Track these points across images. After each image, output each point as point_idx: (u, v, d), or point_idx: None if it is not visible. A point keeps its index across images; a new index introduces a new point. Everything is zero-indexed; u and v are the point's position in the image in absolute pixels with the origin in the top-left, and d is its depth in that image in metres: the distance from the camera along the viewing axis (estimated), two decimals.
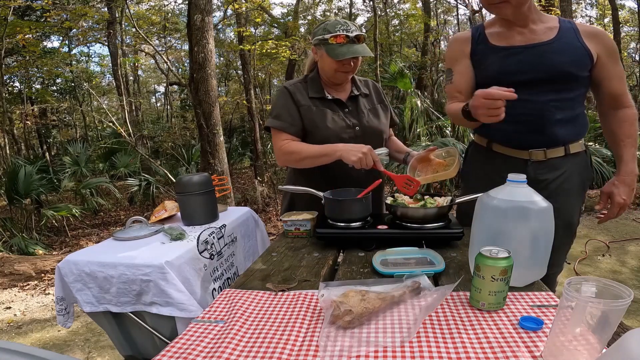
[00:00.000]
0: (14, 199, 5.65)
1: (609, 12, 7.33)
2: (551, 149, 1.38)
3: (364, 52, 1.44)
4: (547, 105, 1.32)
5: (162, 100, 19.57)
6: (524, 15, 1.31)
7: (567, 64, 1.30)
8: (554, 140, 1.37)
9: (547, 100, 1.32)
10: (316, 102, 1.53)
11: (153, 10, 11.44)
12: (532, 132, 1.36)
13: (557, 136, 1.36)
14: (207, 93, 4.30)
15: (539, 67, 1.31)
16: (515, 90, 1.15)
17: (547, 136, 1.36)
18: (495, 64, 1.36)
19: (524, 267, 0.92)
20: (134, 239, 1.42)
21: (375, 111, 1.63)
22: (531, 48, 1.32)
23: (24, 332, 2.85)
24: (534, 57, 1.31)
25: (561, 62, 1.30)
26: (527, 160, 1.40)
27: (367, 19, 14.23)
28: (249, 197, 6.68)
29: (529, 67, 1.32)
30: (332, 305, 0.81)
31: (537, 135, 1.37)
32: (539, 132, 1.36)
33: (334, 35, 1.41)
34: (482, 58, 1.40)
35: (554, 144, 1.38)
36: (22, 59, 9.93)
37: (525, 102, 1.29)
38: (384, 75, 6.96)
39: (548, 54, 1.30)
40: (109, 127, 8.64)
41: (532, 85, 1.31)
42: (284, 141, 1.51)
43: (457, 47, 1.46)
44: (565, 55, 1.30)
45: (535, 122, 1.35)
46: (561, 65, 1.30)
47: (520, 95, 1.19)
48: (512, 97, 1.12)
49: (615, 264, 3.26)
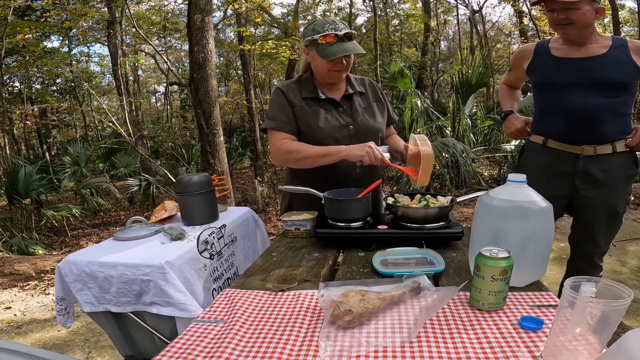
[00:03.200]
0: (14, 199, 5.65)
1: (609, 12, 7.33)
2: (601, 145, 1.59)
3: (354, 49, 1.42)
4: (597, 107, 1.55)
5: (162, 100, 19.59)
6: (585, 37, 1.56)
7: (614, 74, 1.53)
8: (603, 137, 1.58)
9: (597, 102, 1.55)
10: (309, 101, 1.52)
11: (153, 10, 11.44)
12: (584, 129, 1.59)
13: (606, 134, 1.58)
14: (207, 93, 4.29)
15: (590, 75, 1.55)
16: (571, 93, 1.57)
17: (596, 134, 1.58)
18: (555, 70, 1.63)
19: (524, 267, 0.92)
20: (134, 239, 1.42)
21: (371, 109, 1.61)
22: (585, 60, 1.57)
23: (24, 332, 2.85)
24: (587, 67, 1.56)
25: (609, 71, 1.53)
26: (579, 155, 1.62)
27: (367, 19, 14.24)
28: (249, 197, 6.67)
29: (583, 74, 1.56)
30: (332, 305, 0.81)
31: (588, 132, 1.59)
32: (589, 130, 1.58)
33: (322, 35, 1.40)
34: (543, 65, 1.68)
35: (603, 141, 1.59)
36: (22, 59, 9.94)
37: (579, 103, 1.56)
38: (384, 75, 6.95)
39: (599, 65, 1.54)
40: (109, 127, 8.65)
41: (585, 90, 1.56)
42: (282, 140, 1.50)
43: (518, 58, 1.80)
44: (613, 66, 1.53)
45: (587, 121, 1.57)
46: (609, 75, 1.53)
47: (574, 97, 1.57)
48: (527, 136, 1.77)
49: (615, 264, 3.26)
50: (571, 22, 1.49)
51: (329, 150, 1.42)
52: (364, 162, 1.36)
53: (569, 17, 1.48)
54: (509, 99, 1.94)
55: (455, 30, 14.97)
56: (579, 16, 1.47)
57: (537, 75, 1.71)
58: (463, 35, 14.28)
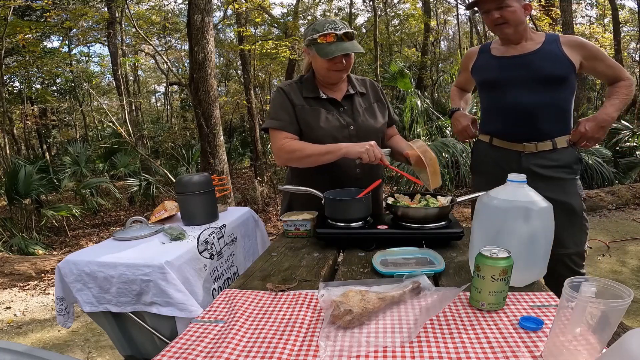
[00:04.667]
0: (14, 199, 5.65)
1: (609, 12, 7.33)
2: (541, 142, 1.61)
3: (353, 48, 1.42)
4: (534, 103, 1.57)
5: (162, 100, 19.58)
6: (520, 35, 1.60)
7: (547, 68, 1.56)
8: (543, 134, 1.60)
9: (534, 99, 1.58)
10: (310, 101, 1.53)
11: (153, 10, 11.44)
12: (524, 126, 1.61)
13: (545, 130, 1.60)
14: (207, 93, 4.30)
15: (525, 72, 1.58)
16: (509, 90, 1.61)
17: (536, 130, 1.60)
18: (494, 69, 1.68)
19: (524, 267, 0.92)
20: (134, 239, 1.42)
21: (372, 110, 1.61)
22: (520, 57, 1.61)
23: (24, 332, 2.85)
24: (521, 64, 1.60)
25: (542, 67, 1.56)
26: (521, 152, 1.64)
27: (367, 19, 14.24)
28: (249, 197, 6.67)
29: (518, 71, 1.60)
30: (332, 305, 0.81)
31: (527, 129, 1.61)
32: (529, 127, 1.61)
33: (322, 35, 1.40)
34: (484, 65, 1.73)
35: (543, 138, 1.61)
36: (22, 59, 9.94)
37: (517, 101, 1.60)
38: (384, 75, 6.96)
39: (532, 61, 1.58)
40: (109, 127, 8.65)
41: (521, 87, 1.59)
42: (284, 140, 1.50)
43: (466, 60, 1.86)
44: (545, 61, 1.57)
45: (525, 118, 1.60)
46: (542, 70, 1.56)
47: (512, 95, 1.61)
48: (474, 135, 1.78)
49: (615, 264, 3.26)
50: (506, 21, 1.54)
51: (330, 148, 1.43)
52: (362, 159, 1.36)
53: (502, 16, 1.53)
54: (458, 99, 1.97)
55: (455, 30, 14.97)
56: (511, 14, 1.52)
57: (479, 75, 1.76)
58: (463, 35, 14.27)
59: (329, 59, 1.42)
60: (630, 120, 7.06)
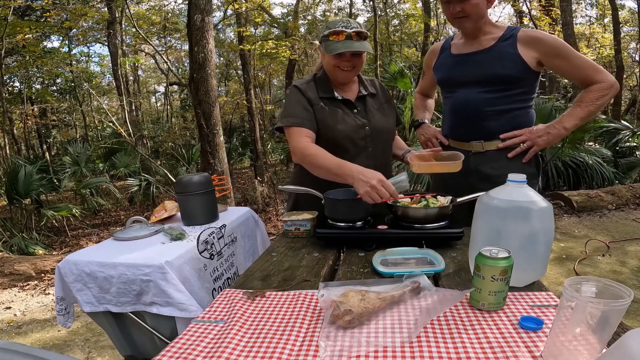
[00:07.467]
0: (14, 199, 5.65)
1: (609, 12, 7.33)
2: (488, 142, 1.56)
3: (360, 47, 1.41)
4: (481, 102, 1.53)
5: (162, 100, 19.59)
6: (479, 29, 1.52)
7: (496, 68, 1.49)
8: (490, 133, 1.55)
9: (481, 98, 1.53)
10: (326, 101, 1.52)
11: (153, 10, 11.44)
12: (470, 125, 1.58)
13: (491, 129, 1.54)
14: (207, 93, 4.30)
15: (474, 70, 1.53)
16: (459, 89, 1.58)
17: (482, 130, 1.55)
18: (449, 67, 1.63)
19: (524, 267, 0.92)
20: (134, 239, 1.42)
21: (383, 111, 1.62)
22: (472, 55, 1.55)
23: (24, 332, 2.84)
24: (472, 62, 1.54)
25: (491, 66, 1.50)
26: (468, 151, 1.59)
27: (367, 19, 14.23)
28: (249, 197, 6.67)
29: (467, 70, 1.56)
30: (332, 305, 0.81)
31: (474, 128, 1.57)
32: (475, 126, 1.57)
33: (333, 32, 1.40)
34: (442, 63, 1.69)
35: (490, 137, 1.55)
36: (22, 59, 9.94)
37: (464, 99, 1.57)
38: (384, 75, 6.96)
39: (482, 59, 1.52)
40: (109, 127, 8.66)
41: (470, 85, 1.55)
42: (304, 138, 1.43)
43: (428, 58, 1.80)
44: (495, 61, 1.49)
45: (472, 116, 1.56)
46: (493, 69, 1.49)
47: (461, 93, 1.58)
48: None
49: (615, 264, 3.26)
50: (466, 15, 1.45)
51: (339, 172, 1.31)
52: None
53: (464, 10, 1.44)
54: (422, 109, 1.92)
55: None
56: (473, 7, 1.43)
57: (438, 74, 1.71)
58: None
59: (335, 56, 1.42)
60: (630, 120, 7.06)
